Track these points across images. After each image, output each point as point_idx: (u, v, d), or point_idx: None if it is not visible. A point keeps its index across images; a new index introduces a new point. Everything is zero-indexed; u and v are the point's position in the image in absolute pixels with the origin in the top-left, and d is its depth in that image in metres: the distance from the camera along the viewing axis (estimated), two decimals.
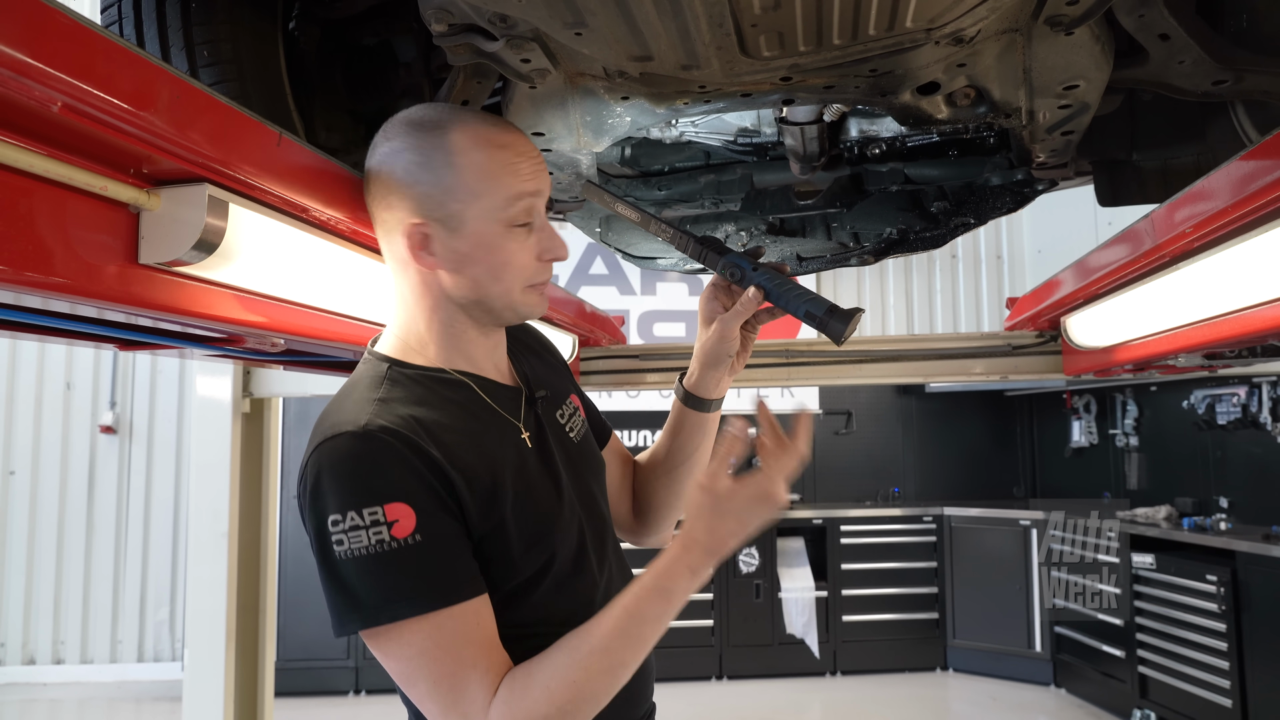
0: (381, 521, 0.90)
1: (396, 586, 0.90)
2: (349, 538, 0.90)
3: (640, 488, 1.37)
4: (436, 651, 0.91)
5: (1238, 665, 3.98)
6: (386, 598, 0.90)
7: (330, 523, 0.91)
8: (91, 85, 0.74)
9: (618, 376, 2.84)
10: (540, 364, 1.27)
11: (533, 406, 1.15)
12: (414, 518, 0.91)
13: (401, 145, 1.03)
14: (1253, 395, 4.61)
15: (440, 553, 0.93)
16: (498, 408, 1.09)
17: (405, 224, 1.03)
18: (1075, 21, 1.13)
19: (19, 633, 5.98)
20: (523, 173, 1.04)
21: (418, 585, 0.90)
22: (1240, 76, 1.35)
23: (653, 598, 0.96)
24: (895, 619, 5.91)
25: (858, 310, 1.16)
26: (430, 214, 1.02)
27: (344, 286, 1.34)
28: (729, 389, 1.33)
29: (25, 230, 0.79)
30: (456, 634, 0.92)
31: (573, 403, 1.26)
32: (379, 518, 0.90)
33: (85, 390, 6.19)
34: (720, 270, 1.26)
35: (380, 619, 0.90)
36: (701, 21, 1.03)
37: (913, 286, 6.98)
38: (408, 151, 1.03)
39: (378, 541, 0.90)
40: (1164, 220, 1.36)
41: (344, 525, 0.90)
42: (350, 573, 0.90)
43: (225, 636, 2.46)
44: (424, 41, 1.59)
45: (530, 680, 0.92)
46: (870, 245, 2.13)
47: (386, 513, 0.90)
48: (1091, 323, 2.14)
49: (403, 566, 0.90)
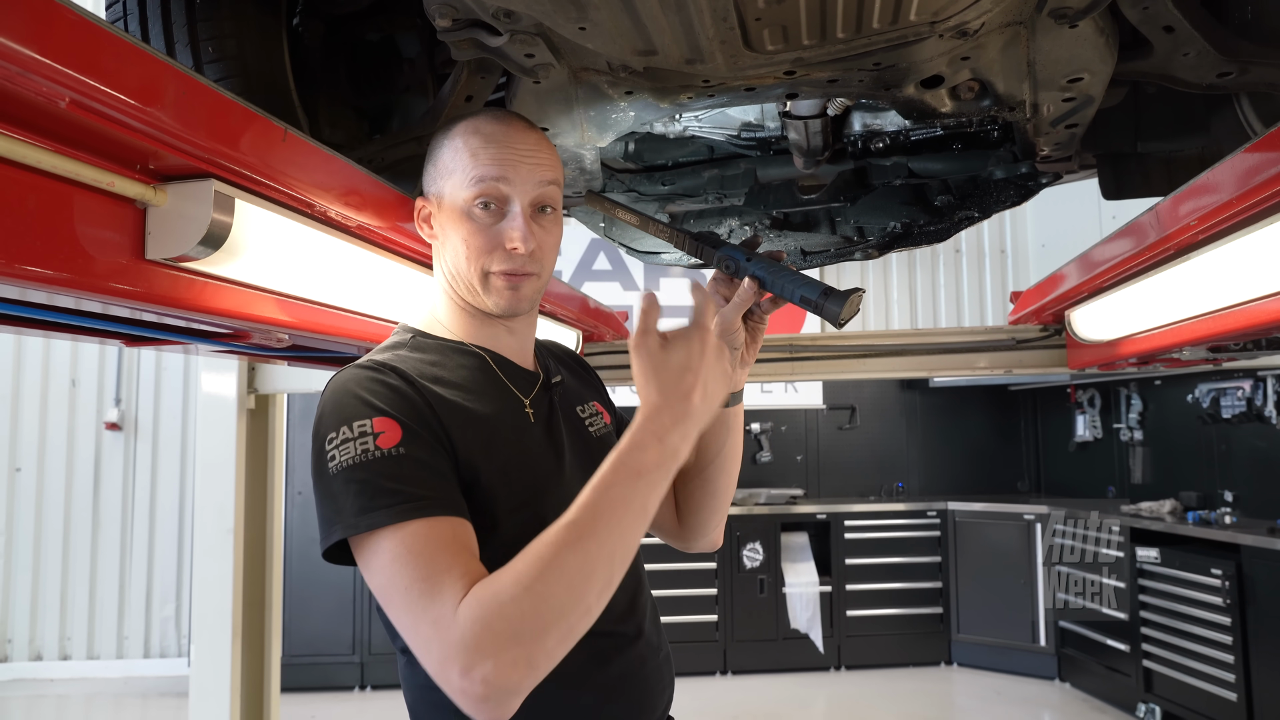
0: (369, 432, 0.93)
1: (376, 495, 0.90)
2: (340, 451, 0.93)
3: (679, 492, 1.37)
4: (409, 558, 0.88)
5: (1242, 659, 3.98)
6: (365, 507, 0.90)
7: (327, 441, 0.94)
8: (99, 81, 0.74)
9: (621, 371, 2.84)
10: (569, 373, 1.30)
11: (548, 391, 1.18)
12: (399, 432, 0.94)
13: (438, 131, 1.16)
14: (1257, 389, 4.60)
15: (422, 468, 0.94)
16: (508, 382, 1.14)
17: (417, 199, 1.16)
18: (1079, 14, 1.13)
19: (26, 629, 6.00)
20: (484, 158, 1.09)
21: (397, 494, 0.90)
22: (1245, 69, 1.35)
23: (622, 474, 0.91)
24: (899, 614, 5.91)
25: (856, 290, 1.15)
26: (428, 188, 1.15)
27: (349, 282, 1.35)
28: (745, 381, 1.33)
29: (33, 226, 0.80)
30: (432, 541, 0.89)
31: (595, 407, 1.28)
32: (366, 429, 0.93)
33: (90, 387, 6.21)
34: (716, 263, 1.26)
35: (359, 526, 0.90)
36: (705, 15, 1.03)
37: (916, 281, 6.97)
38: (438, 134, 1.15)
39: (363, 451, 0.92)
40: (1169, 213, 1.36)
41: (337, 440, 0.93)
42: (338, 485, 0.92)
43: (231, 632, 2.47)
44: (428, 37, 1.59)
45: (501, 571, 0.87)
46: (874, 239, 2.13)
47: (374, 424, 0.93)
48: (1096, 316, 2.14)
49: (385, 475, 0.91)
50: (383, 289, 1.43)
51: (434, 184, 1.13)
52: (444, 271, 1.15)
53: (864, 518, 5.94)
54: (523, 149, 1.10)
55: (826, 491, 6.70)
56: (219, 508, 2.52)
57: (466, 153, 1.09)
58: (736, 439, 1.32)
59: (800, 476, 6.69)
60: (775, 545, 5.84)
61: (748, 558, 5.78)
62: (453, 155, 1.10)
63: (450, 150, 1.11)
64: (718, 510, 1.35)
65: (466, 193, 1.09)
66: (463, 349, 1.13)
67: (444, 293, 1.16)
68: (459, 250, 1.10)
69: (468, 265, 1.10)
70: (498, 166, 1.09)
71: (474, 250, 1.10)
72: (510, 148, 1.10)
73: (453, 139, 1.11)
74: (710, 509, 1.34)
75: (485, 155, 1.09)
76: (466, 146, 1.10)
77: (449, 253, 1.12)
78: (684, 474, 1.36)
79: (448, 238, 1.12)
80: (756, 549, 5.78)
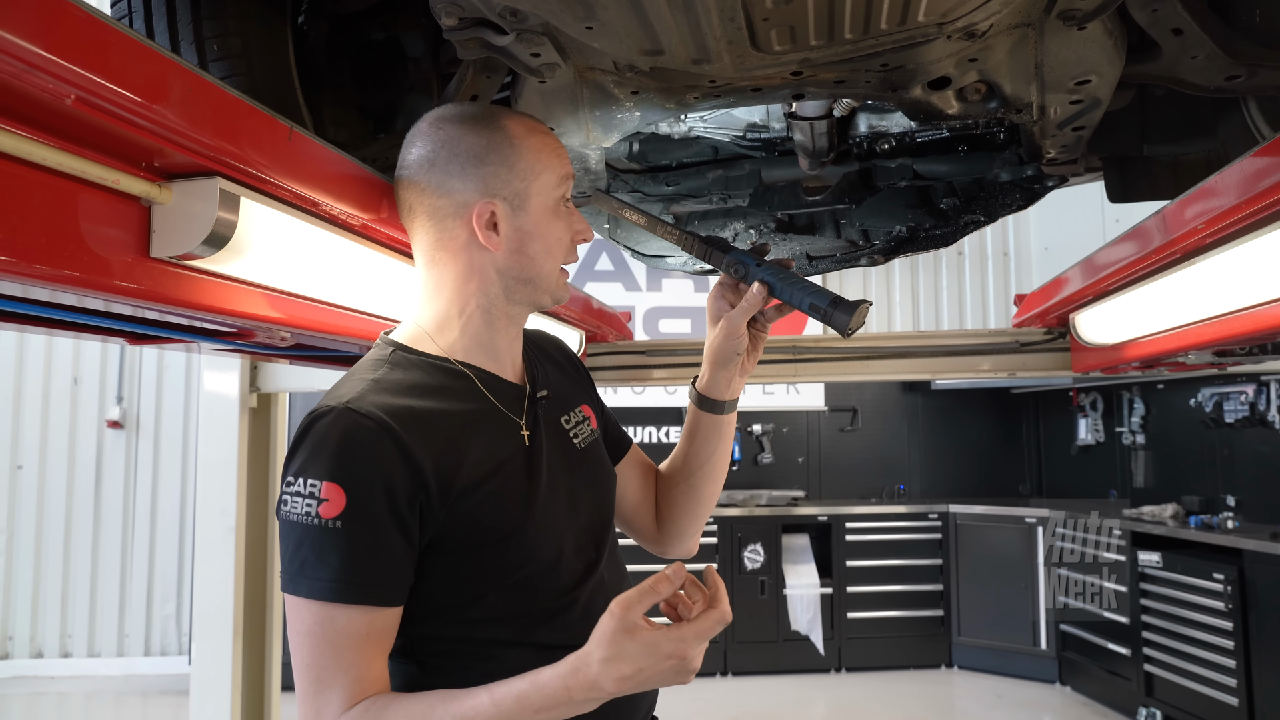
0: (315, 496, 0.92)
1: (305, 563, 0.91)
2: (290, 500, 0.93)
3: (661, 496, 1.35)
4: (317, 640, 0.92)
5: (1244, 664, 3.97)
6: (296, 570, 0.92)
7: (285, 482, 0.94)
8: (104, 78, 0.74)
9: (624, 373, 2.84)
10: (557, 371, 1.27)
11: (534, 406, 1.14)
12: (343, 505, 0.91)
13: (458, 133, 1.07)
14: (1260, 393, 4.59)
15: (357, 548, 0.91)
16: (497, 403, 1.09)
17: (474, 205, 1.06)
18: (1088, 16, 1.13)
19: (27, 626, 6.01)
20: (565, 156, 1.13)
21: (321, 570, 0.91)
22: (1253, 71, 1.34)
23: (519, 702, 0.89)
24: (900, 616, 5.91)
25: (864, 302, 1.15)
26: (498, 192, 1.06)
27: (353, 281, 1.34)
28: (743, 389, 1.32)
29: (38, 223, 0.80)
30: (342, 633, 0.91)
31: (583, 412, 1.25)
32: (315, 491, 0.92)
33: (92, 385, 6.21)
34: (725, 268, 1.25)
35: (285, 586, 0.93)
36: (713, 15, 1.02)
37: (919, 283, 6.97)
38: (470, 136, 1.07)
39: (305, 513, 0.92)
40: (1175, 217, 1.35)
41: (292, 488, 0.93)
42: (283, 532, 0.94)
43: (232, 630, 2.47)
44: (433, 36, 1.59)
45: (391, 703, 0.91)
46: (880, 243, 2.12)
47: (323, 489, 0.91)
48: (1100, 319, 2.13)
49: (316, 546, 0.91)
50: (387, 288, 1.42)
51: (506, 186, 1.06)
52: (494, 276, 1.08)
53: (865, 520, 5.94)
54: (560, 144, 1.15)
55: (828, 493, 6.69)
56: (220, 506, 2.51)
57: (547, 151, 1.09)
58: (726, 446, 1.31)
59: (802, 478, 6.69)
60: (776, 547, 5.83)
61: (749, 559, 5.77)
62: (534, 155, 1.08)
63: (520, 149, 1.07)
64: (699, 517, 1.34)
65: (559, 190, 1.10)
66: (447, 368, 1.07)
67: (474, 297, 1.09)
68: (546, 250, 1.10)
69: (552, 263, 1.11)
70: (569, 164, 1.13)
71: (564, 247, 1.12)
72: (559, 145, 1.13)
73: (513, 137, 1.07)
74: (691, 514, 1.33)
75: (558, 154, 1.11)
76: (542, 146, 1.09)
77: (522, 256, 1.08)
78: (669, 478, 1.35)
79: (528, 240, 1.08)
80: (757, 550, 5.78)
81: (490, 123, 1.08)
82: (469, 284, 1.09)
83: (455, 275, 1.09)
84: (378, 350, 1.09)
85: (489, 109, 1.10)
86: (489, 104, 1.12)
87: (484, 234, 1.06)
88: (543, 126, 1.12)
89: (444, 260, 1.09)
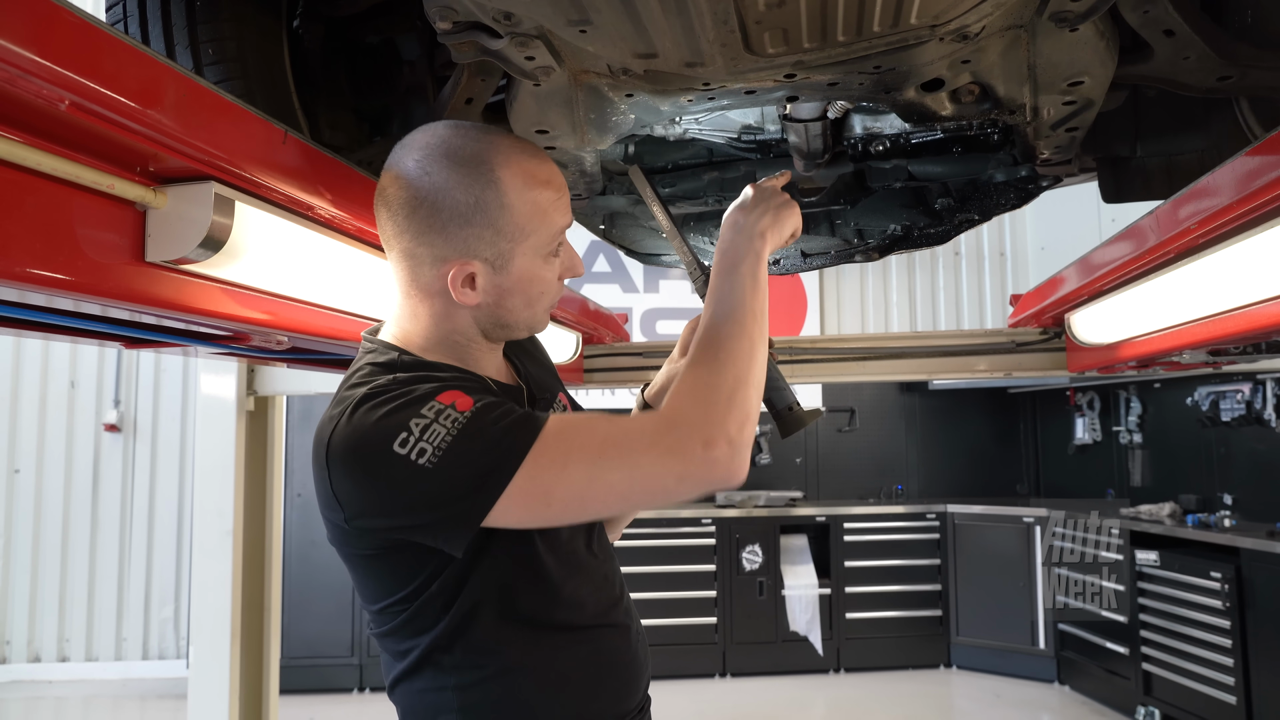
0: (444, 407, 0.90)
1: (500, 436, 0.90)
2: (428, 441, 0.87)
3: None
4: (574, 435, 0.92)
5: (1242, 662, 3.98)
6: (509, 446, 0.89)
7: (397, 446, 0.87)
8: (99, 83, 0.74)
9: (621, 374, 2.84)
10: (536, 365, 1.28)
11: (534, 406, 1.17)
12: (465, 396, 0.92)
13: (446, 182, 0.99)
14: (1257, 392, 4.60)
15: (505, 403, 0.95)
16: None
17: (449, 263, 1.00)
18: (1080, 17, 1.13)
19: (24, 630, 5.99)
20: (563, 208, 1.07)
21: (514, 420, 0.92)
22: (1245, 72, 1.35)
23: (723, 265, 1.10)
24: (899, 616, 5.91)
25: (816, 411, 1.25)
26: (479, 254, 1.00)
27: (349, 284, 1.34)
28: None
29: (33, 228, 0.80)
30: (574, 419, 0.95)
31: (561, 402, 1.27)
32: (438, 408, 0.90)
33: (89, 388, 6.20)
34: None
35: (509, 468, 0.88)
36: (706, 18, 1.03)
37: (916, 283, 6.98)
38: (456, 190, 0.98)
39: (453, 422, 0.89)
40: (1168, 217, 1.36)
41: (415, 435, 0.88)
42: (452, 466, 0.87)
43: (230, 634, 2.47)
44: (428, 40, 1.59)
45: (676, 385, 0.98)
46: (874, 242, 2.13)
47: (441, 401, 0.91)
48: (1096, 319, 2.14)
49: (491, 419, 0.91)
50: (382, 292, 1.43)
51: (491, 248, 1.00)
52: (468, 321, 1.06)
53: (863, 520, 5.94)
54: (564, 182, 1.08)
55: (826, 494, 6.70)
56: (218, 510, 2.51)
57: (541, 211, 1.02)
58: None
59: (799, 479, 6.69)
60: (774, 547, 5.83)
61: (747, 560, 5.77)
62: (525, 218, 1.01)
63: (511, 212, 1.00)
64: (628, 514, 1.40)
65: (551, 246, 1.05)
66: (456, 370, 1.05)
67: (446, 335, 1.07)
68: (527, 302, 1.06)
69: (534, 310, 1.08)
70: (569, 214, 1.08)
71: (551, 295, 1.10)
72: (565, 189, 1.07)
73: (505, 196, 0.99)
74: None
75: (557, 206, 1.05)
76: (535, 206, 1.01)
77: (499, 308, 1.05)
78: None
79: (507, 295, 1.04)
80: (756, 551, 5.78)
81: (482, 175, 0.99)
82: (443, 323, 1.06)
83: (430, 313, 1.06)
84: (381, 353, 1.05)
85: (485, 147, 1.01)
86: (486, 136, 1.03)
87: (458, 292, 1.01)
88: (545, 172, 1.04)
89: (418, 297, 1.05)
